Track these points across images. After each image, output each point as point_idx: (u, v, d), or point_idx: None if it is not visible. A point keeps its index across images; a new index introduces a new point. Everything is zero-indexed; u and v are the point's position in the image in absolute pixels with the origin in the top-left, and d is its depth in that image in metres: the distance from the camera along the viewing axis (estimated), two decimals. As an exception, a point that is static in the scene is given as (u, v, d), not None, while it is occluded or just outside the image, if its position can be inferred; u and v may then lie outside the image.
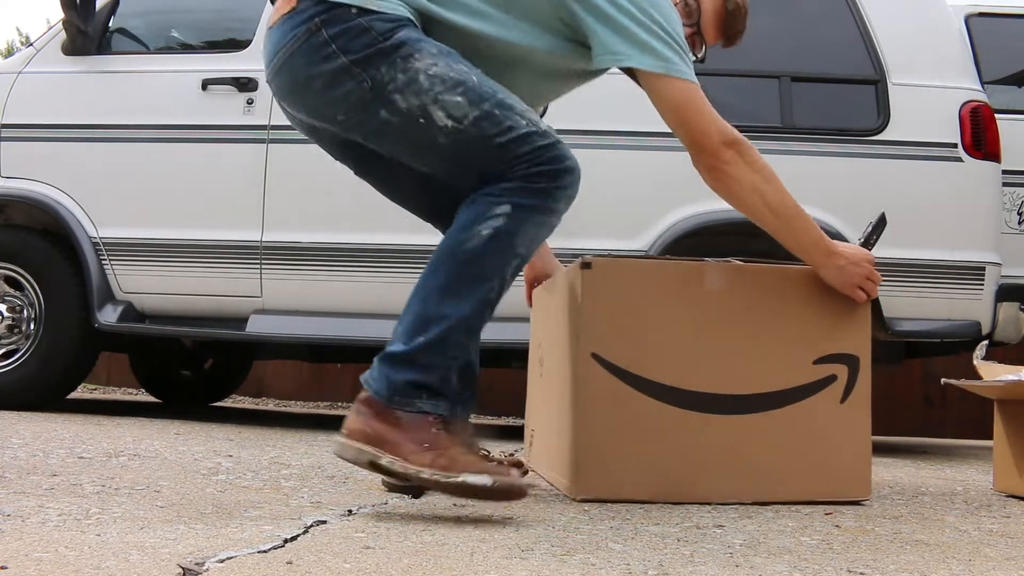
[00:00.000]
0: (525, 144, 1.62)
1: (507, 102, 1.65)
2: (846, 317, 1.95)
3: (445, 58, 1.65)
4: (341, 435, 1.59)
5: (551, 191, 1.62)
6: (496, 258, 1.59)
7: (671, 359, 1.89)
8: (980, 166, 3.52)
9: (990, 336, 3.53)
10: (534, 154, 1.61)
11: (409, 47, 1.63)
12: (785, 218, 1.84)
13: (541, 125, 1.66)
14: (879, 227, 2.11)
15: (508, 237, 1.59)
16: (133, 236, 3.71)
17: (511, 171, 1.61)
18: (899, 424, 5.75)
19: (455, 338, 1.57)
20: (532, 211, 1.61)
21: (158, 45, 4.05)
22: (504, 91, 1.68)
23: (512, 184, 1.61)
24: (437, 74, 1.62)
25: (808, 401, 1.92)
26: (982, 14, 4.35)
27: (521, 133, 1.62)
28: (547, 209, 1.63)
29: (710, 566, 1.30)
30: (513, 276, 1.64)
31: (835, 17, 3.67)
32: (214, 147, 3.69)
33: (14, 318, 3.76)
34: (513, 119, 1.63)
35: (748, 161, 1.81)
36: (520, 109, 1.66)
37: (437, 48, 1.66)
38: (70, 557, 1.17)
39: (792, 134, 3.55)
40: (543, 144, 1.63)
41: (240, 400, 6.24)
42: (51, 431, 2.80)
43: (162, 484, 1.84)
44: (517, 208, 1.60)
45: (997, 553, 1.49)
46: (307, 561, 1.21)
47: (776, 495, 1.90)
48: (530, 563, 1.26)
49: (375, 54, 1.63)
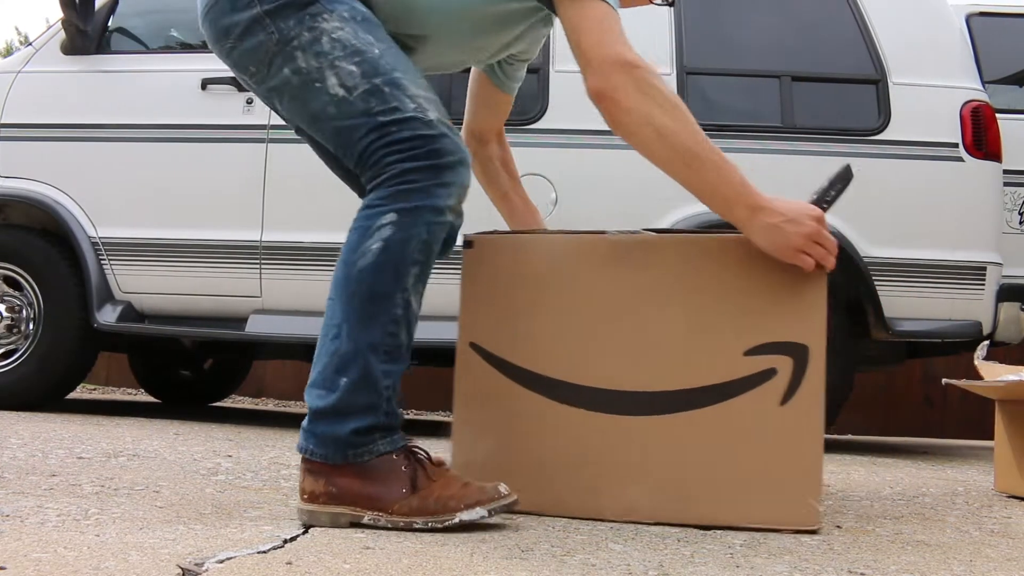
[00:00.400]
0: (405, 129, 1.50)
1: (401, 82, 1.53)
2: (793, 297, 1.59)
3: (354, 24, 1.56)
4: (302, 502, 1.50)
5: (430, 189, 1.49)
6: (392, 272, 1.48)
7: (563, 350, 1.64)
8: (981, 166, 3.51)
9: (991, 336, 3.53)
10: (411, 143, 1.50)
11: (321, 6, 1.56)
12: (690, 160, 1.52)
13: (429, 114, 1.52)
14: (840, 181, 1.72)
15: (400, 245, 1.48)
16: (132, 236, 3.70)
17: (387, 167, 1.51)
18: (900, 424, 5.75)
19: (376, 367, 1.48)
20: (417, 213, 1.49)
21: (157, 44, 4.04)
22: (407, 72, 1.56)
23: (390, 190, 1.50)
24: (340, 39, 1.54)
25: (736, 401, 1.58)
26: (983, 13, 4.35)
27: (404, 116, 1.51)
28: (432, 208, 1.50)
29: (710, 566, 1.29)
30: (421, 283, 1.52)
31: (836, 17, 3.67)
32: (214, 147, 3.69)
33: (13, 318, 3.76)
34: (401, 100, 1.51)
35: (643, 88, 1.50)
36: (413, 92, 1.53)
37: (351, 13, 1.57)
38: (69, 557, 1.16)
39: (793, 134, 3.55)
40: (423, 134, 1.50)
41: (240, 400, 6.23)
42: (50, 431, 2.79)
43: (161, 484, 1.83)
44: (401, 213, 1.49)
45: (998, 554, 1.49)
46: (307, 561, 1.21)
47: (688, 516, 1.59)
48: (530, 563, 1.26)
49: (286, 5, 1.55)
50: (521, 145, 3.61)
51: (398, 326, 1.49)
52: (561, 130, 3.51)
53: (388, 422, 1.49)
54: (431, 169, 1.49)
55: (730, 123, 3.61)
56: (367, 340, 1.47)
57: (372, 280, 1.48)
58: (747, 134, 3.57)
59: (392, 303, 1.48)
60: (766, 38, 3.72)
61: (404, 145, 1.50)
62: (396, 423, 1.51)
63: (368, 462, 1.47)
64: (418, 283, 1.51)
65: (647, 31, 3.66)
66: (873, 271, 3.41)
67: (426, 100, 1.53)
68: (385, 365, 1.48)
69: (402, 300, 1.49)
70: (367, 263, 1.48)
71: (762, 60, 3.66)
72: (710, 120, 3.59)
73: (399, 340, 1.49)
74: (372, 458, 1.47)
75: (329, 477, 1.48)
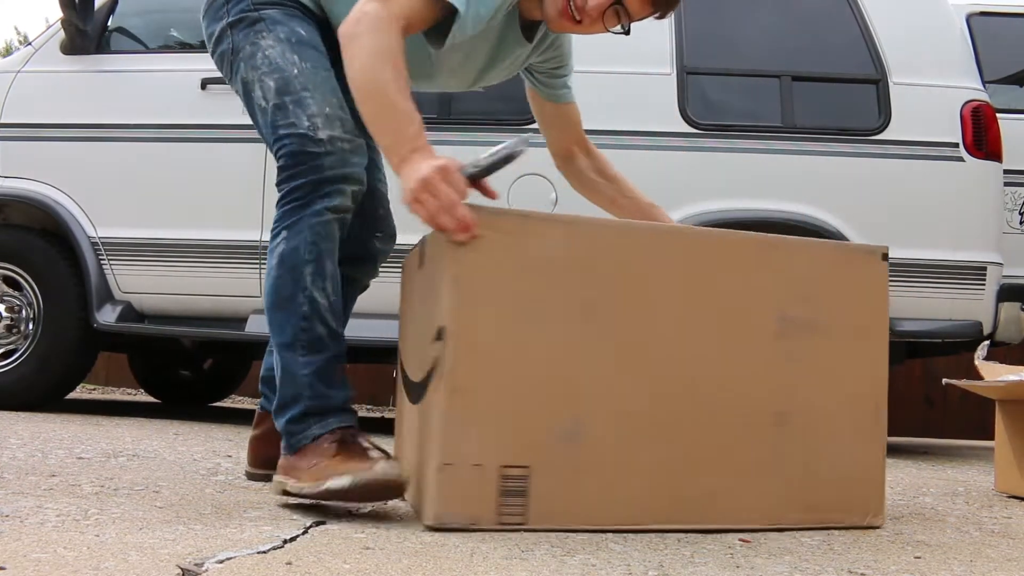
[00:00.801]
0: (295, 144, 1.67)
1: (305, 101, 1.69)
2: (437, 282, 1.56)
3: (286, 45, 1.74)
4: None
5: (311, 201, 1.65)
6: (289, 277, 1.65)
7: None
8: (981, 166, 3.51)
9: (991, 336, 3.53)
10: (297, 158, 1.66)
11: (266, 24, 1.76)
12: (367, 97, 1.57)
13: (320, 133, 1.66)
14: (501, 158, 1.63)
15: (291, 253, 1.65)
16: (132, 236, 3.70)
17: (280, 185, 1.68)
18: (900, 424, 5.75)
19: (295, 361, 1.65)
20: (300, 223, 1.65)
21: (157, 44, 4.04)
22: (318, 92, 1.69)
23: (281, 211, 1.68)
24: (269, 56, 1.73)
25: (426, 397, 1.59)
26: (983, 13, 4.34)
27: (296, 132, 1.67)
28: (312, 213, 1.65)
29: (710, 566, 1.29)
30: (320, 277, 1.65)
31: (836, 16, 3.67)
32: (213, 147, 3.69)
33: (13, 318, 3.76)
34: (299, 117, 1.68)
35: (371, 26, 1.57)
36: (313, 112, 1.67)
37: (287, 35, 1.75)
38: (69, 558, 1.16)
39: (793, 134, 3.55)
40: (309, 150, 1.66)
41: (240, 400, 6.23)
42: (50, 431, 2.79)
43: (161, 484, 1.83)
44: (288, 229, 1.66)
45: (998, 554, 1.49)
46: (306, 561, 1.20)
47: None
48: (530, 563, 1.26)
49: (241, 20, 1.78)
50: (521, 145, 3.64)
51: (309, 321, 1.65)
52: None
53: (317, 404, 1.63)
54: (311, 184, 1.65)
55: (730, 123, 3.61)
56: (282, 341, 1.66)
57: (275, 291, 1.67)
58: (747, 134, 3.57)
59: (296, 303, 1.65)
60: (766, 38, 3.72)
61: (291, 160, 1.67)
62: (328, 405, 1.63)
63: (305, 445, 1.63)
64: (316, 279, 1.65)
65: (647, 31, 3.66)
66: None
67: (325, 119, 1.68)
68: (305, 357, 1.64)
69: (305, 298, 1.65)
70: (270, 280, 1.68)
71: (762, 60, 3.66)
72: (710, 120, 3.60)
73: (315, 332, 1.65)
74: (308, 442, 1.63)
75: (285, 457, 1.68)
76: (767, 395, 1.63)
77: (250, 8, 1.78)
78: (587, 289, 1.55)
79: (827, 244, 1.76)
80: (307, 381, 1.64)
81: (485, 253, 1.51)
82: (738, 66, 3.68)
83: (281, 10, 1.79)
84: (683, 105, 3.58)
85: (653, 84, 3.60)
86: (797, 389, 1.65)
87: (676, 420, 1.58)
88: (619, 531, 1.51)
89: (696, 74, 3.63)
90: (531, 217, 1.56)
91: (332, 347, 1.67)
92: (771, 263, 1.66)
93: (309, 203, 1.65)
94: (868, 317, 1.71)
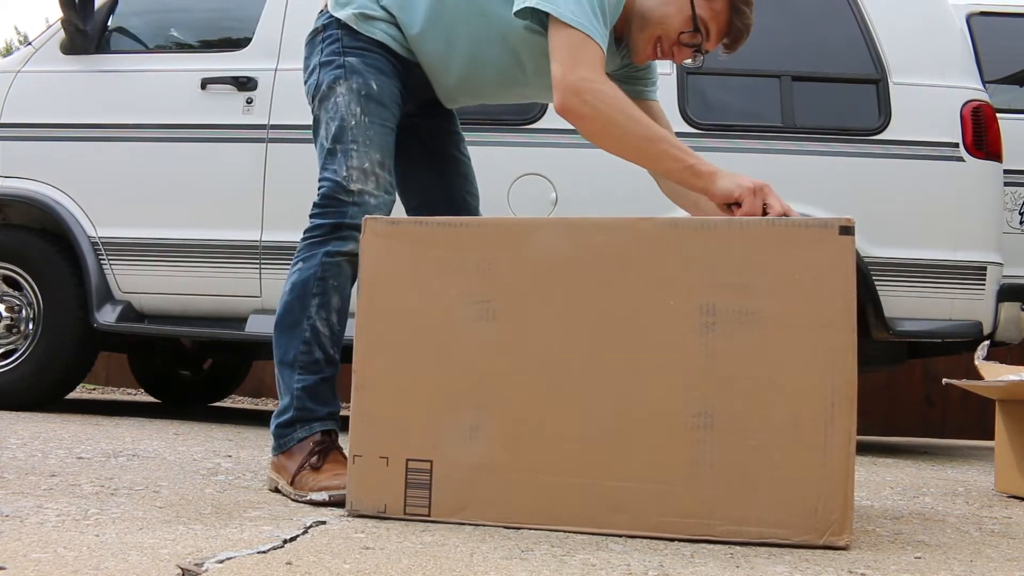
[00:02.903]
0: (329, 188, 1.88)
1: (351, 152, 1.89)
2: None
3: (355, 96, 1.92)
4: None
5: (328, 241, 1.87)
6: (298, 304, 1.86)
7: None
8: (981, 166, 3.51)
9: (991, 336, 3.53)
10: (327, 200, 1.88)
11: (345, 72, 1.94)
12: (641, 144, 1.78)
13: (353, 185, 1.86)
14: None
15: (301, 284, 1.87)
16: (132, 236, 3.70)
17: (309, 218, 1.91)
18: (900, 424, 5.75)
19: (291, 377, 1.86)
20: (313, 258, 1.87)
21: (157, 44, 4.04)
22: (365, 147, 1.89)
23: (303, 243, 1.91)
24: (338, 103, 1.92)
25: None
26: (983, 13, 4.34)
27: (334, 179, 1.88)
28: (325, 252, 1.86)
29: (710, 566, 1.29)
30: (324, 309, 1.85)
31: (836, 16, 3.66)
32: (213, 147, 3.69)
33: (13, 318, 3.76)
34: (340, 165, 1.88)
35: (593, 101, 1.76)
36: (354, 164, 1.87)
37: (360, 86, 1.92)
38: (69, 557, 1.16)
39: (793, 134, 3.55)
40: (339, 197, 1.87)
41: (240, 400, 6.23)
42: (50, 431, 2.79)
43: (161, 484, 1.83)
44: (304, 260, 1.89)
45: (998, 554, 1.49)
46: (307, 561, 1.20)
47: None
48: (530, 563, 1.26)
49: (328, 63, 1.96)
50: (521, 145, 3.64)
51: (308, 345, 1.85)
52: (561, 130, 3.51)
53: (302, 415, 1.84)
54: (332, 227, 1.87)
55: (730, 123, 3.61)
56: (283, 359, 1.88)
57: (284, 314, 1.88)
58: (747, 134, 3.57)
59: (300, 329, 1.86)
60: (766, 38, 3.71)
61: (323, 200, 1.89)
62: (314, 415, 1.84)
63: (292, 446, 1.83)
64: (321, 310, 1.85)
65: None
66: (873, 271, 3.41)
67: (361, 173, 1.88)
68: (300, 375, 1.85)
69: (308, 325, 1.85)
70: (281, 303, 1.90)
71: (762, 60, 3.66)
72: (710, 120, 3.60)
73: (313, 356, 1.85)
74: (293, 444, 1.83)
75: (276, 457, 1.88)
76: (685, 395, 1.50)
77: (339, 52, 1.96)
78: (490, 289, 1.58)
79: (773, 222, 1.57)
80: (298, 395, 1.85)
81: (390, 259, 1.61)
82: (738, 66, 3.68)
83: (364, 58, 1.95)
84: (683, 105, 3.58)
85: (653, 84, 3.60)
86: (725, 389, 1.49)
87: (580, 420, 1.53)
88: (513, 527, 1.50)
89: (696, 74, 3.63)
90: (427, 223, 1.64)
91: (326, 370, 1.87)
92: (695, 249, 1.53)
93: (326, 243, 1.87)
94: (829, 304, 1.48)
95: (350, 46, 1.96)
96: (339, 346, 1.89)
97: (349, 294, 1.88)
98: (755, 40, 1.95)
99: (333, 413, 1.87)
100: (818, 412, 1.46)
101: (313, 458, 1.78)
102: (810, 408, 1.47)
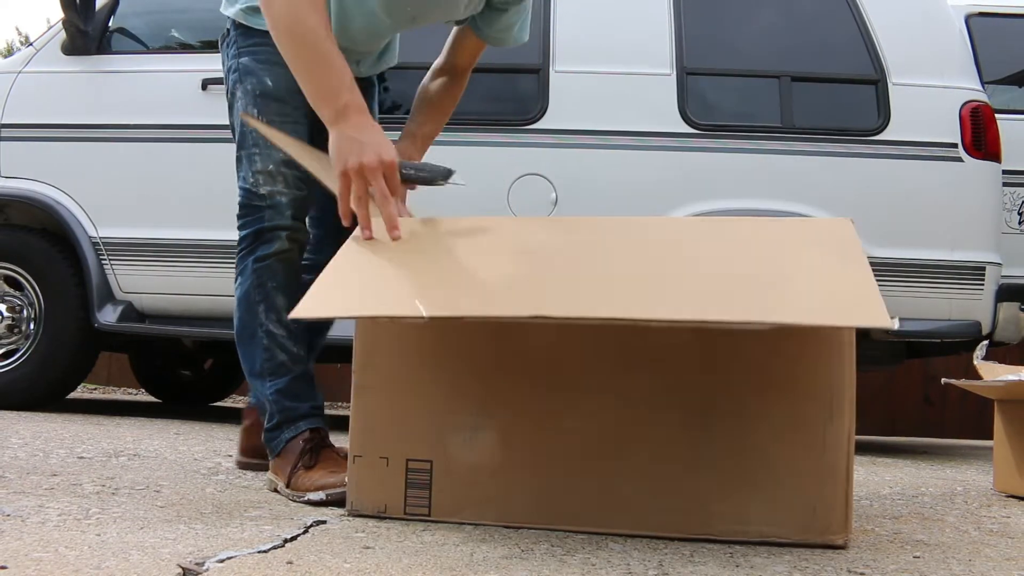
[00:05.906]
0: (242, 196, 1.89)
1: (254, 158, 1.87)
2: None
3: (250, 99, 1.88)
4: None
5: (255, 248, 1.87)
6: (248, 316, 1.88)
7: None
8: (980, 166, 3.52)
9: (990, 336, 3.53)
10: (245, 209, 1.88)
11: (240, 75, 1.91)
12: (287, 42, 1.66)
13: (262, 188, 1.85)
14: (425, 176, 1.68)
15: (244, 297, 1.88)
16: (133, 236, 3.70)
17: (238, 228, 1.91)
18: (899, 424, 5.75)
19: (262, 385, 1.87)
20: (247, 268, 1.88)
21: (158, 45, 4.04)
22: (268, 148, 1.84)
23: (237, 256, 1.91)
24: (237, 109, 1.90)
25: None
26: (982, 14, 4.35)
27: (244, 187, 1.88)
28: (254, 259, 1.86)
29: (710, 566, 1.30)
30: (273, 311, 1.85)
31: (835, 17, 3.67)
32: (214, 147, 3.69)
33: (14, 318, 3.76)
34: (246, 171, 1.88)
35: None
36: (259, 168, 1.85)
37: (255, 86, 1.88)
38: (70, 557, 1.17)
39: (792, 134, 3.55)
40: (254, 204, 1.87)
41: (240, 400, 6.24)
42: (51, 431, 2.79)
43: (162, 484, 1.83)
44: (240, 274, 1.90)
45: (997, 553, 1.49)
46: (307, 561, 1.21)
47: None
48: (530, 563, 1.26)
49: (229, 68, 1.95)
50: (521, 145, 3.64)
51: (270, 351, 1.86)
52: (561, 130, 3.52)
53: (284, 416, 1.84)
54: (254, 235, 1.87)
55: (730, 123, 3.61)
56: (250, 369, 1.89)
57: (239, 329, 1.91)
58: (747, 134, 3.57)
59: (257, 338, 1.87)
60: (766, 38, 3.72)
61: (240, 211, 1.90)
62: (296, 413, 1.84)
63: (282, 446, 1.84)
64: (270, 313, 1.85)
65: (648, 31, 3.66)
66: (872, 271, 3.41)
67: (267, 175, 1.86)
68: (271, 381, 1.85)
69: (263, 332, 1.86)
70: (236, 320, 1.91)
71: (762, 60, 3.66)
72: (710, 120, 3.61)
73: (277, 360, 1.86)
74: (283, 446, 1.83)
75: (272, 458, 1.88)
76: (685, 395, 1.51)
77: (235, 54, 1.93)
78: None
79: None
80: (274, 399, 1.85)
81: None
82: (738, 66, 3.69)
83: (256, 55, 1.90)
84: (683, 105, 3.58)
85: (653, 84, 3.60)
86: (725, 389, 1.50)
87: (580, 420, 1.53)
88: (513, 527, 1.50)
89: (696, 74, 3.63)
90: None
91: (295, 368, 1.86)
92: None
93: (253, 251, 1.87)
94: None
95: (244, 45, 1.92)
96: (301, 341, 1.88)
97: (295, 287, 1.81)
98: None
99: (315, 407, 1.87)
100: (817, 412, 1.46)
101: (305, 458, 1.79)
102: (809, 408, 1.47)
